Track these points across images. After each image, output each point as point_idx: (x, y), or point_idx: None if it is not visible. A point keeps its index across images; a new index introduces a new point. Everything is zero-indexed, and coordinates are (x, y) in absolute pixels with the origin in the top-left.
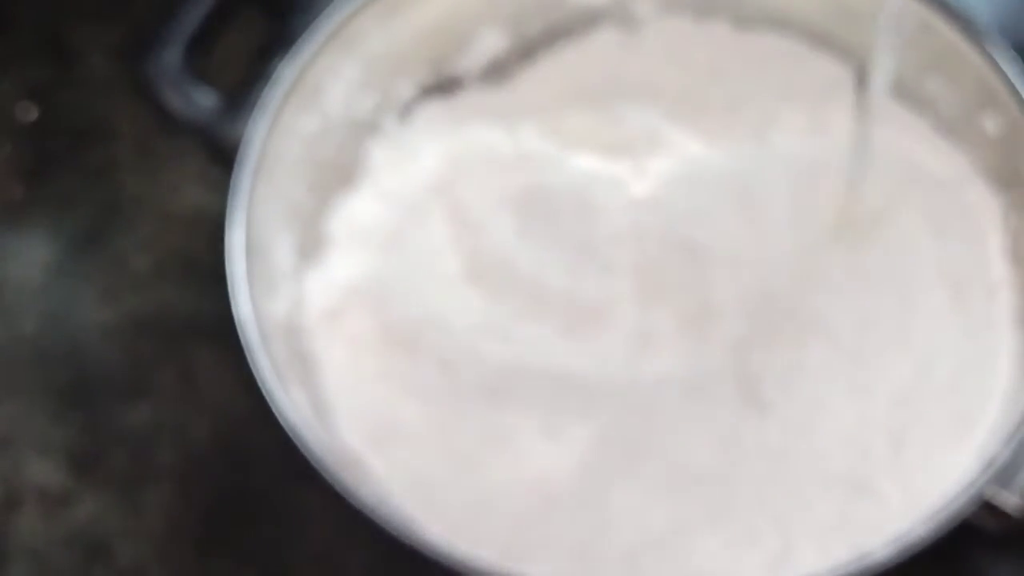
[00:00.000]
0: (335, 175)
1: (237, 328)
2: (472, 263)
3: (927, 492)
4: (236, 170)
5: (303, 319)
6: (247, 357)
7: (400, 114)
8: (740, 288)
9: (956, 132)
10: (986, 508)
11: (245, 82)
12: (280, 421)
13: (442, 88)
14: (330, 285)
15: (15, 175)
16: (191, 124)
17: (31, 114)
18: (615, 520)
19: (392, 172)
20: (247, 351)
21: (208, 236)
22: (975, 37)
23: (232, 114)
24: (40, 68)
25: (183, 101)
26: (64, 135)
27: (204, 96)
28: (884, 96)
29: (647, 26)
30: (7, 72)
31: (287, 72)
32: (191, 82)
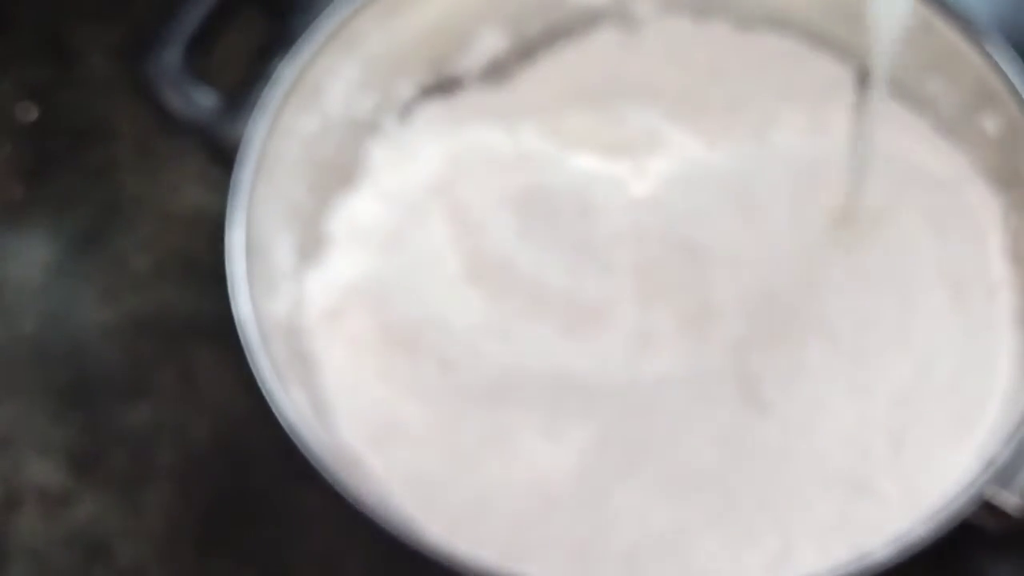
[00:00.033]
0: (335, 175)
1: (237, 328)
2: (472, 263)
3: (927, 492)
4: (236, 170)
5: (303, 319)
6: (247, 357)
7: (400, 114)
8: (740, 288)
9: (956, 132)
10: (986, 508)
11: (245, 82)
12: (280, 421)
13: (442, 88)
14: (330, 285)
15: (15, 175)
16: (191, 124)
17: (31, 114)
18: (615, 520)
19: (392, 172)
20: (247, 351)
21: (208, 236)
22: (975, 37)
23: (232, 114)
24: (40, 68)
25: (183, 101)
26: (64, 135)
27: (204, 96)
28: (884, 96)
29: (647, 26)
30: (7, 72)
31: (287, 72)
32: (191, 82)
